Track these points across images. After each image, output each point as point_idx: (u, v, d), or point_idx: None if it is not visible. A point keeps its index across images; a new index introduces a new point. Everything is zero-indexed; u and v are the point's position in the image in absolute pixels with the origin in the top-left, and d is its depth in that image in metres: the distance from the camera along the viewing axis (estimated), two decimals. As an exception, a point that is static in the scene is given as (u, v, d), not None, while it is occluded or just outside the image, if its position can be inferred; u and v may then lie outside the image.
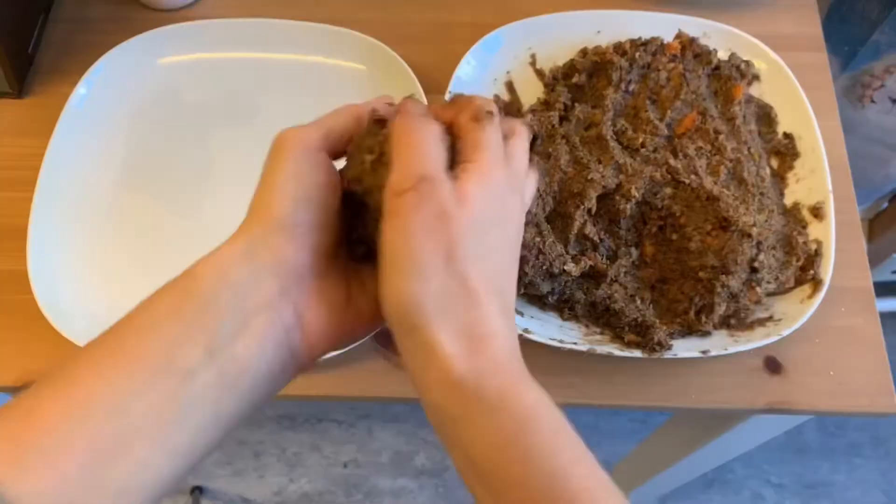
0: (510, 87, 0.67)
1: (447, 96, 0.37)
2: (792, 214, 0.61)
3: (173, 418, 0.30)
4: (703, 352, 0.55)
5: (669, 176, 0.59)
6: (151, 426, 0.29)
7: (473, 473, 0.32)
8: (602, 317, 0.58)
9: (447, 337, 0.31)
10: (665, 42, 0.66)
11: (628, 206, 0.58)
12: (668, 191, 0.58)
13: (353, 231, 0.36)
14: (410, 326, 0.32)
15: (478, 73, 0.66)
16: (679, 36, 0.66)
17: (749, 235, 0.56)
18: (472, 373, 0.31)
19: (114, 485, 0.29)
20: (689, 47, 0.65)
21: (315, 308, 0.33)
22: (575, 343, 0.55)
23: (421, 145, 0.32)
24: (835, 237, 0.58)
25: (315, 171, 0.34)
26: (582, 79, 0.65)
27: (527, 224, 0.57)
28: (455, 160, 0.34)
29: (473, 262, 0.31)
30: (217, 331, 0.30)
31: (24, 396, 0.29)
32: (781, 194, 0.63)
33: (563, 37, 0.68)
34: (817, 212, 0.60)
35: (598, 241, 0.58)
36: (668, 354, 0.54)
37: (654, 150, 0.60)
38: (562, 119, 0.64)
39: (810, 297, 0.57)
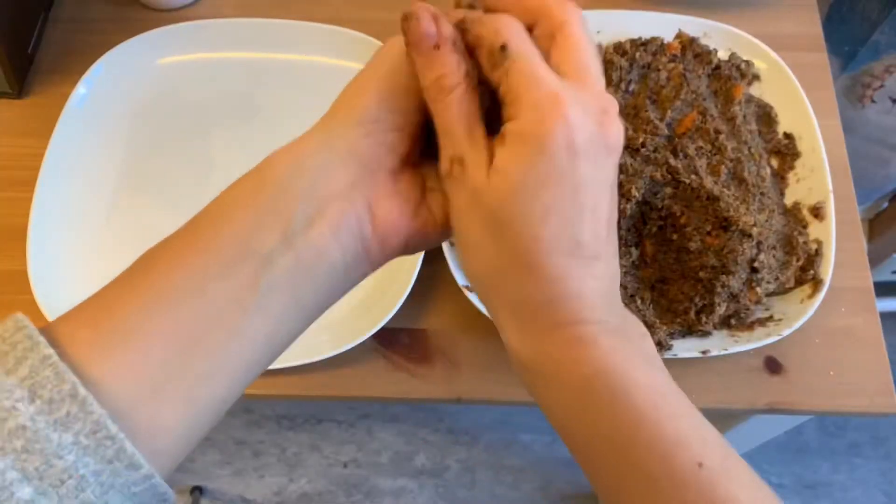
0: (510, 87, 0.67)
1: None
2: (792, 214, 0.61)
3: (253, 303, 0.30)
4: (703, 352, 0.55)
5: (669, 176, 0.59)
6: (232, 310, 0.29)
7: (564, 440, 0.33)
8: (602, 317, 0.58)
9: (504, 314, 0.32)
10: (665, 42, 0.66)
11: (628, 206, 0.58)
12: (669, 191, 0.58)
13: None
14: (482, 299, 0.34)
15: (478, 73, 0.66)
16: (679, 36, 0.66)
17: (749, 235, 0.56)
18: (530, 350, 0.32)
19: (196, 368, 0.29)
20: (690, 47, 0.65)
21: (386, 203, 0.33)
22: (575, 343, 0.55)
23: (452, 123, 0.31)
24: (835, 237, 0.58)
25: (407, 77, 0.33)
26: (582, 79, 0.65)
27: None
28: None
29: (522, 231, 0.30)
30: (292, 216, 0.30)
31: (104, 289, 0.30)
32: (782, 194, 0.63)
33: (563, 37, 0.68)
34: (817, 212, 0.60)
35: (599, 241, 0.58)
36: (668, 354, 0.55)
37: (655, 150, 0.60)
38: (562, 119, 0.63)
39: (810, 297, 0.57)
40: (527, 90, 0.30)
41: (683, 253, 0.57)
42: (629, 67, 0.64)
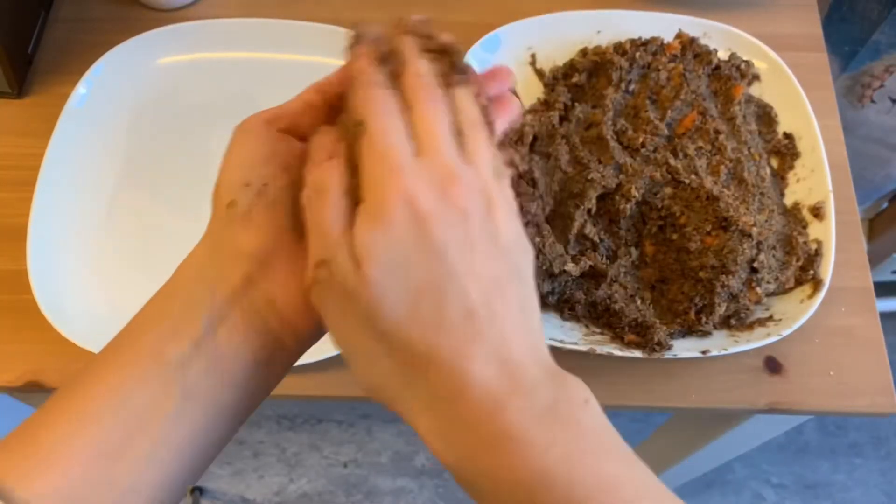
0: (510, 87, 0.67)
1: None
2: (792, 214, 0.61)
3: (173, 411, 0.30)
4: (703, 352, 0.55)
5: (669, 176, 0.59)
6: (151, 420, 0.30)
7: None
8: (602, 317, 0.58)
9: (418, 419, 0.30)
10: (665, 42, 0.66)
11: (628, 206, 0.58)
12: (668, 191, 0.58)
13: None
14: (391, 408, 0.31)
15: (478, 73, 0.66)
16: (679, 36, 0.66)
17: (749, 235, 0.56)
18: (456, 455, 0.29)
19: (121, 482, 0.29)
20: (689, 47, 0.66)
21: (285, 289, 0.32)
22: (575, 343, 0.55)
23: (317, 220, 0.30)
24: (835, 237, 0.58)
25: (261, 150, 0.33)
26: (582, 79, 0.65)
27: (527, 224, 0.57)
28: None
29: (403, 324, 0.28)
30: (199, 325, 0.31)
31: (35, 414, 0.31)
32: (781, 194, 0.63)
33: (563, 37, 0.68)
34: (817, 212, 0.60)
35: (598, 241, 0.58)
36: (668, 354, 0.54)
37: (654, 150, 0.60)
38: (562, 119, 0.64)
39: (810, 296, 0.57)
40: (370, 167, 0.29)
41: (683, 253, 0.57)
42: (629, 67, 0.64)
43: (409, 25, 0.34)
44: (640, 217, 0.59)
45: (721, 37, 0.67)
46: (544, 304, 0.58)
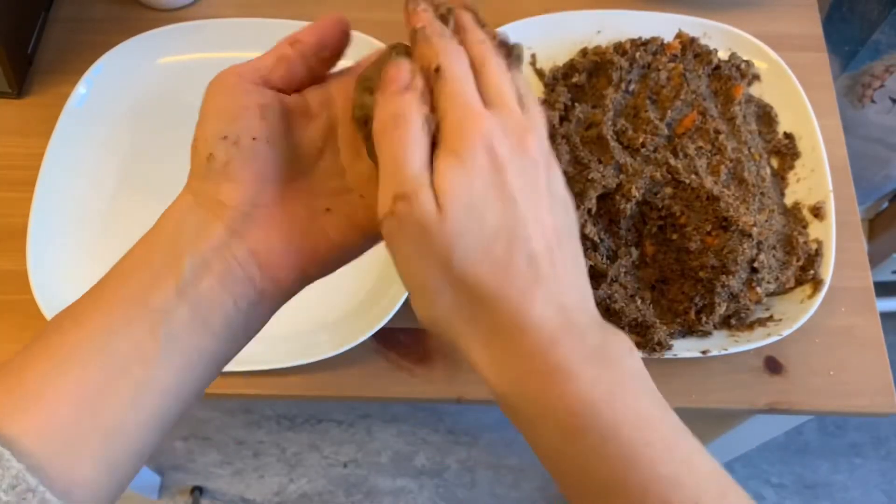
0: (510, 86, 0.67)
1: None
2: (792, 214, 0.61)
3: (155, 355, 0.31)
4: (703, 352, 0.55)
5: (669, 176, 0.59)
6: (136, 363, 0.31)
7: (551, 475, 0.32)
8: (602, 317, 0.58)
9: (477, 352, 0.31)
10: (665, 42, 0.66)
11: (628, 206, 0.58)
12: (669, 191, 0.58)
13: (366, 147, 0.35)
14: (448, 340, 0.32)
15: (478, 72, 0.66)
16: (679, 36, 0.66)
17: (749, 235, 0.56)
18: (508, 385, 0.31)
19: (106, 421, 0.30)
20: (690, 47, 0.66)
21: (268, 241, 0.33)
22: (575, 343, 0.55)
23: (397, 152, 0.30)
24: (835, 237, 0.58)
25: (237, 102, 0.34)
26: (582, 79, 0.65)
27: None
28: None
29: (476, 263, 0.30)
30: (181, 273, 0.32)
31: (18, 355, 0.31)
32: (782, 194, 0.63)
33: (563, 37, 0.68)
34: (818, 211, 0.60)
35: (599, 241, 0.58)
36: (668, 354, 0.55)
37: (655, 150, 0.60)
38: (562, 119, 0.64)
39: (810, 296, 0.57)
40: (452, 110, 0.31)
41: (683, 253, 0.57)
42: (629, 67, 0.64)
43: (462, 1, 0.35)
44: (640, 217, 0.59)
45: (721, 37, 0.67)
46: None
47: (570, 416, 0.30)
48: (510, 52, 0.35)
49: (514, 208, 0.30)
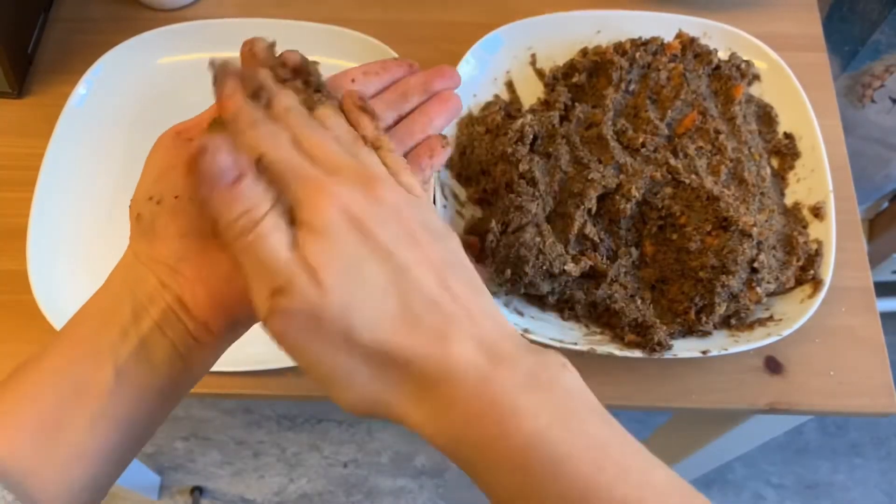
0: (510, 86, 0.67)
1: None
2: (792, 214, 0.61)
3: (107, 388, 0.33)
4: (703, 352, 0.55)
5: (669, 176, 0.59)
6: (88, 394, 0.33)
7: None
8: (602, 317, 0.58)
9: (410, 414, 0.30)
10: (665, 42, 0.66)
11: (628, 206, 0.58)
12: (669, 190, 0.58)
13: None
14: (382, 416, 0.31)
15: (478, 72, 0.66)
16: (679, 36, 0.66)
17: (749, 235, 0.56)
18: (449, 439, 0.30)
19: (65, 450, 0.32)
20: (690, 47, 0.65)
21: (191, 290, 0.35)
22: (575, 343, 0.55)
23: (259, 254, 0.30)
24: (835, 237, 0.58)
25: (165, 161, 0.37)
26: (582, 79, 0.65)
27: (527, 224, 0.57)
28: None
29: (376, 328, 0.29)
30: (126, 316, 0.35)
31: None
32: (782, 194, 0.63)
33: (563, 37, 0.68)
34: (818, 211, 0.60)
35: (598, 241, 0.58)
36: (668, 354, 0.54)
37: (655, 150, 0.60)
38: (562, 119, 0.64)
39: (811, 296, 0.57)
40: (293, 189, 0.30)
41: (683, 253, 0.57)
42: (629, 67, 0.64)
43: (261, 55, 0.37)
44: (640, 217, 0.59)
45: (721, 37, 0.67)
46: (544, 304, 0.58)
47: (517, 454, 0.28)
48: (308, 80, 0.36)
49: (391, 259, 0.30)
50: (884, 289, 1.06)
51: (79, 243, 0.61)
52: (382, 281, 0.29)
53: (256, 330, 0.59)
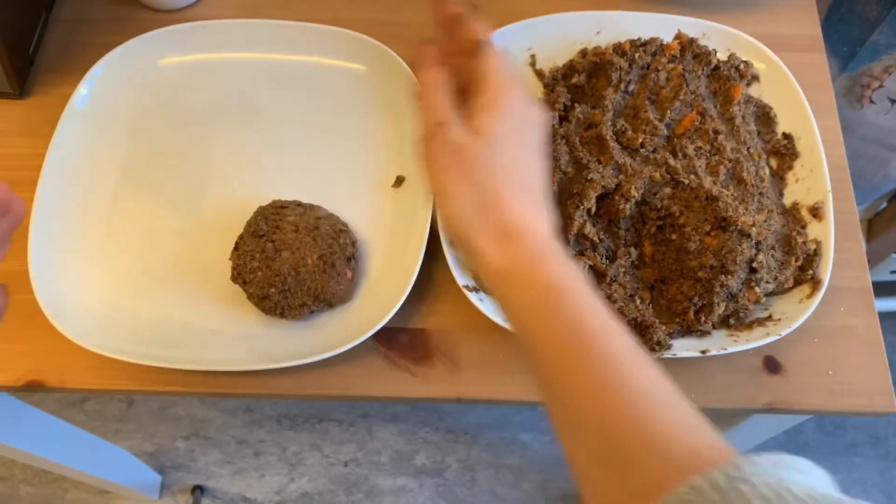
0: (510, 87, 0.67)
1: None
2: (791, 214, 0.61)
3: None
4: (703, 352, 0.55)
5: (669, 176, 0.59)
6: None
7: (519, 337, 0.42)
8: (601, 317, 0.58)
9: (485, 240, 0.43)
10: (664, 42, 0.66)
11: (628, 206, 0.58)
12: (668, 191, 0.58)
13: None
14: (462, 239, 0.44)
15: (477, 73, 0.66)
16: (678, 36, 0.66)
17: (748, 235, 0.56)
18: (506, 263, 0.42)
19: None
20: (689, 48, 0.66)
21: None
22: (574, 343, 0.55)
23: (432, 100, 0.45)
24: (834, 237, 0.59)
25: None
26: (581, 79, 0.65)
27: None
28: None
29: (493, 175, 0.43)
30: None
31: None
32: (781, 194, 0.63)
33: (562, 37, 0.68)
34: (816, 212, 0.60)
35: (598, 241, 0.58)
36: (667, 354, 0.55)
37: (654, 150, 0.61)
38: (562, 119, 0.64)
39: (809, 296, 0.57)
40: (495, 73, 0.46)
41: (682, 253, 0.57)
42: (628, 68, 0.64)
43: None
44: (639, 217, 0.59)
45: (720, 37, 0.67)
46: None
47: (549, 278, 0.41)
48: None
49: (528, 151, 0.45)
50: (882, 289, 1.06)
51: (79, 243, 0.61)
52: (516, 155, 0.45)
53: (257, 330, 0.59)
